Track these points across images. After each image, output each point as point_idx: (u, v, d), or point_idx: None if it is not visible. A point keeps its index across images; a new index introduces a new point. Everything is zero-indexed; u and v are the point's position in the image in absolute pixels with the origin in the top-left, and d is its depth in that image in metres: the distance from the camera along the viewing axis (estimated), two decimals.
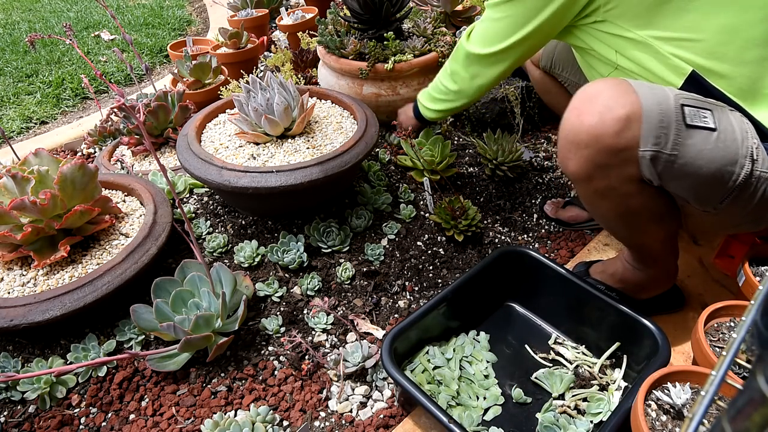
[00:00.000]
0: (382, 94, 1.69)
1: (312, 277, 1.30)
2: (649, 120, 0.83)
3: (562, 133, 0.92)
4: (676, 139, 0.83)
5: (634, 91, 0.84)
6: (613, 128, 0.84)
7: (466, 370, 1.12)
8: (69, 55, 3.36)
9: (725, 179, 0.85)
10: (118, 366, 1.13)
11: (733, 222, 0.99)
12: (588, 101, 0.87)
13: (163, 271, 1.30)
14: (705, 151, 0.83)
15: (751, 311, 0.48)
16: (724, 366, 0.47)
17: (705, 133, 0.83)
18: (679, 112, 0.83)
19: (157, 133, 1.84)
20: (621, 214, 0.99)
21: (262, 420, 1.02)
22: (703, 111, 0.85)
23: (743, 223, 0.99)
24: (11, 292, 1.14)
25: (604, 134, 0.85)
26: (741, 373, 0.89)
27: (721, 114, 0.86)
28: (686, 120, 0.83)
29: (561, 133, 0.93)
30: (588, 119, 0.86)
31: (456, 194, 1.58)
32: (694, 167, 0.84)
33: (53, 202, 1.14)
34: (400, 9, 1.74)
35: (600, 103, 0.85)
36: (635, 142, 0.84)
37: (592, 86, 0.89)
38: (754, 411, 0.36)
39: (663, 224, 1.01)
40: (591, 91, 0.88)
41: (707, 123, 0.84)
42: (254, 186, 1.21)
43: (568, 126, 0.90)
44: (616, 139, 0.84)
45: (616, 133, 0.84)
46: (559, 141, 0.94)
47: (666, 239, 1.05)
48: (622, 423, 0.88)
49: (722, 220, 0.98)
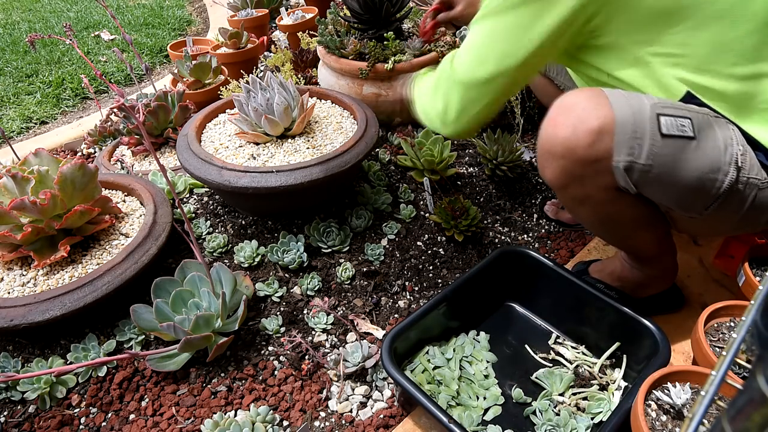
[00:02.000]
0: (382, 94, 1.69)
1: (312, 277, 1.30)
2: (621, 131, 0.83)
3: (540, 142, 0.93)
4: (651, 149, 0.83)
5: (608, 103, 0.84)
6: (586, 140, 0.84)
7: (466, 370, 1.12)
8: (69, 55, 3.36)
9: (707, 187, 0.85)
10: (118, 366, 1.13)
11: (725, 227, 0.98)
12: (563, 113, 0.88)
13: (163, 271, 1.30)
14: (683, 161, 0.83)
15: (751, 311, 0.48)
16: (724, 366, 0.47)
17: (683, 142, 0.83)
18: (654, 123, 0.83)
19: (157, 133, 1.84)
20: (602, 221, 1.00)
21: (262, 420, 1.02)
22: (681, 120, 0.84)
23: (738, 228, 0.98)
24: (11, 292, 1.14)
25: (577, 146, 0.86)
26: (741, 373, 0.89)
27: (701, 122, 0.85)
28: (662, 130, 0.82)
29: (538, 142, 0.94)
30: (562, 131, 0.87)
31: (456, 194, 1.58)
32: (672, 176, 0.84)
33: (53, 202, 1.14)
34: (400, 9, 1.74)
35: (574, 115, 0.86)
36: (608, 153, 0.84)
37: (569, 97, 0.89)
38: (754, 411, 0.37)
39: (649, 228, 1.01)
40: (567, 102, 0.89)
41: (685, 132, 0.83)
42: (254, 186, 1.21)
43: (545, 136, 0.91)
44: (588, 151, 0.85)
45: (589, 145, 0.85)
46: (537, 149, 0.95)
47: (657, 240, 1.05)
48: (622, 423, 0.88)
49: (712, 225, 0.98)
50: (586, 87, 0.93)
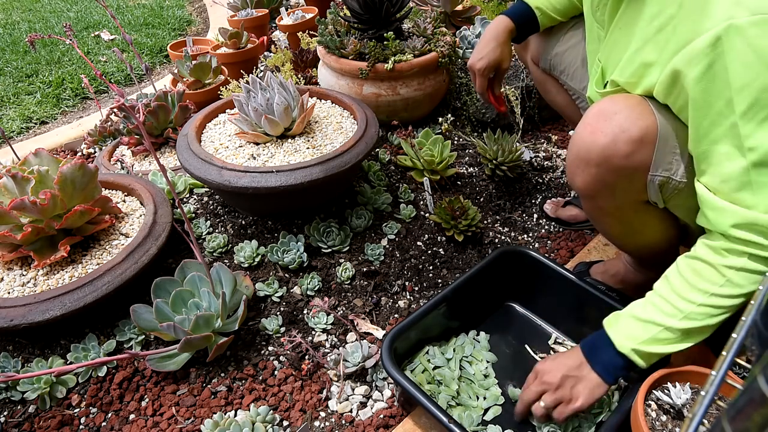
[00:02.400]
0: (382, 94, 1.69)
1: (312, 277, 1.30)
2: (663, 145, 0.80)
3: (573, 147, 0.89)
4: (689, 168, 0.80)
5: (652, 113, 0.81)
6: (625, 150, 0.81)
7: (466, 370, 1.12)
8: (69, 55, 3.36)
9: None
10: (118, 366, 1.13)
11: None
12: (604, 119, 0.83)
13: (163, 271, 1.30)
14: None
15: (751, 311, 0.48)
16: (724, 366, 0.47)
17: None
18: None
19: (157, 133, 1.84)
20: (624, 231, 0.99)
21: (262, 420, 1.02)
22: None
23: None
24: (11, 292, 1.14)
25: (614, 155, 0.82)
26: (741, 373, 0.89)
27: None
28: None
29: (572, 148, 0.89)
30: (602, 138, 0.83)
31: (456, 194, 1.58)
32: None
33: (53, 202, 1.14)
34: (400, 9, 1.74)
35: (615, 123, 0.82)
36: (645, 166, 0.82)
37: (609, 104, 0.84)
38: (754, 411, 0.37)
39: (664, 238, 1.01)
40: (608, 108, 0.84)
41: None
42: (254, 186, 1.21)
43: (580, 142, 0.86)
44: (625, 161, 0.82)
45: (627, 155, 0.81)
46: (569, 155, 0.91)
47: (667, 247, 1.05)
48: (622, 423, 0.87)
49: None
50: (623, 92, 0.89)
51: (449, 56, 1.73)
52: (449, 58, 1.73)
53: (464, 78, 1.92)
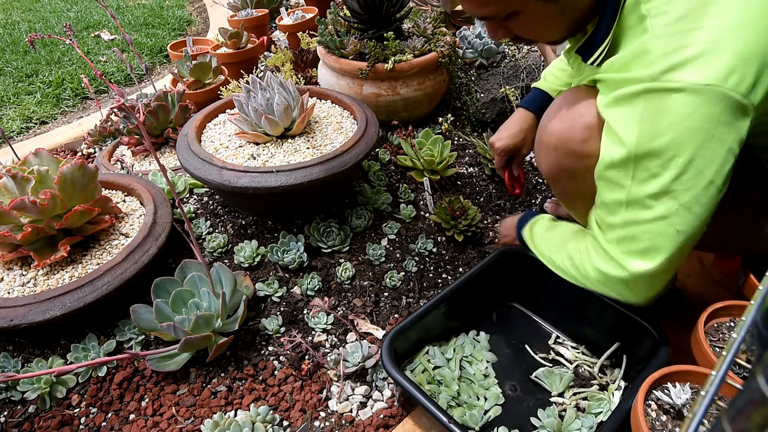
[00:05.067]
0: (382, 94, 1.69)
1: (312, 277, 1.30)
2: None
3: (538, 132, 0.95)
4: None
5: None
6: (581, 135, 0.86)
7: (466, 370, 1.12)
8: (69, 55, 3.36)
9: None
10: (118, 366, 1.13)
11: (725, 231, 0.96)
12: (566, 106, 0.89)
13: (163, 271, 1.30)
14: None
15: (751, 311, 0.48)
16: (724, 366, 0.47)
17: None
18: None
19: (157, 133, 1.84)
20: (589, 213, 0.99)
21: (262, 420, 1.02)
22: None
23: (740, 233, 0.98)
24: (11, 292, 1.14)
25: (571, 139, 0.87)
26: (741, 373, 0.89)
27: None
28: None
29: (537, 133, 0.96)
30: (560, 123, 0.89)
31: (456, 194, 1.58)
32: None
33: (53, 202, 1.14)
34: (400, 9, 1.74)
35: (574, 109, 0.87)
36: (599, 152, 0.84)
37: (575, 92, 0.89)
38: (754, 411, 0.37)
39: None
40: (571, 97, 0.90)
41: None
42: (254, 186, 1.21)
43: (542, 127, 0.93)
44: (582, 146, 0.86)
45: (583, 140, 0.86)
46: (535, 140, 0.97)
47: None
48: (622, 423, 0.88)
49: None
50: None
51: (449, 56, 1.73)
52: (449, 58, 1.73)
53: (464, 78, 1.92)
